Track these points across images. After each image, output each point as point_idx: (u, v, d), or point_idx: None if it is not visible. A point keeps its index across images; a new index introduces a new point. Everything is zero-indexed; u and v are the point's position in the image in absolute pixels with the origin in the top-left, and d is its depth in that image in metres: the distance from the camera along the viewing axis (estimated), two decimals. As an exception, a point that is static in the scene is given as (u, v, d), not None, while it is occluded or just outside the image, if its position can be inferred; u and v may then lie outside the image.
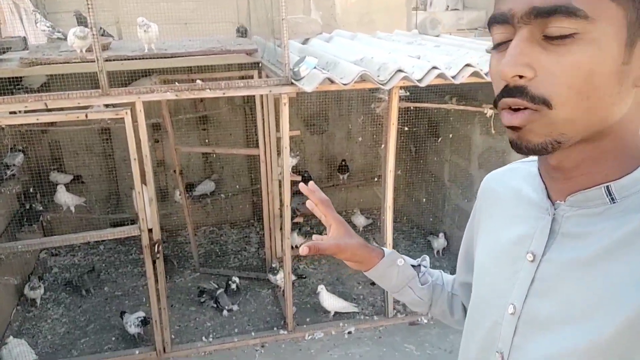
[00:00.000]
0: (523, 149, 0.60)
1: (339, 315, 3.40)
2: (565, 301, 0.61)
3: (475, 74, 2.59)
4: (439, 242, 4.09)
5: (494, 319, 0.71)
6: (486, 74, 2.61)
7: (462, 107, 3.27)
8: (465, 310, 0.94)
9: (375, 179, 4.79)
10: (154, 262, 2.82)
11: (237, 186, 4.80)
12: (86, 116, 2.43)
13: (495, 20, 0.60)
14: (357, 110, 4.85)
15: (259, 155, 3.62)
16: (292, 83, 2.61)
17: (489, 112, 3.14)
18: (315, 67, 2.63)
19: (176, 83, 2.53)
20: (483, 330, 0.74)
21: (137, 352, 3.07)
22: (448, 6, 6.51)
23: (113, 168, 4.53)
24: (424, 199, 4.43)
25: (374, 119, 4.69)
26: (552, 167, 0.64)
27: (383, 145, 2.93)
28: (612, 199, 0.60)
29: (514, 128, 0.59)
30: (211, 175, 4.68)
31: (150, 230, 2.76)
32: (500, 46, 0.60)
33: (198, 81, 2.54)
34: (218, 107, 4.46)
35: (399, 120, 2.94)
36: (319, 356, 3.08)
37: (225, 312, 3.50)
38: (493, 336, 0.71)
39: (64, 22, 4.24)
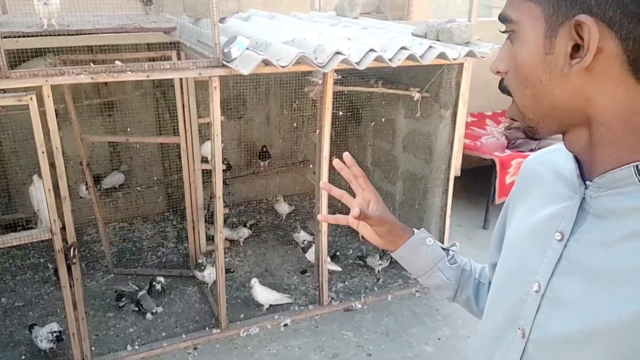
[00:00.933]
0: (527, 134, 0.71)
1: (272, 308, 3.29)
2: (590, 281, 0.63)
3: (411, 57, 2.57)
4: (364, 226, 4.12)
5: (518, 295, 0.72)
6: (420, 57, 2.61)
7: (392, 91, 3.27)
8: None
9: (299, 164, 4.71)
10: (69, 268, 2.50)
11: (151, 178, 4.45)
12: (-20, 103, 2.05)
13: (501, 20, 0.68)
14: (275, 94, 4.71)
15: (178, 144, 3.35)
16: (223, 65, 2.41)
17: (417, 95, 3.17)
18: (247, 48, 2.45)
19: (91, 64, 2.21)
20: (506, 306, 0.75)
21: None
22: None
23: (0, 162, 3.97)
24: (347, 185, 4.42)
25: (295, 104, 4.58)
26: (571, 149, 0.69)
27: (318, 131, 2.83)
28: None
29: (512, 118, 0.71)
30: (119, 167, 4.29)
31: (63, 231, 2.43)
32: None
33: (117, 62, 2.25)
34: (124, 92, 4.07)
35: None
36: (257, 353, 2.96)
37: (149, 316, 3.23)
38: (516, 312, 0.72)
39: None
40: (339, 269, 3.61)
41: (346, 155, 0.95)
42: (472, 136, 4.72)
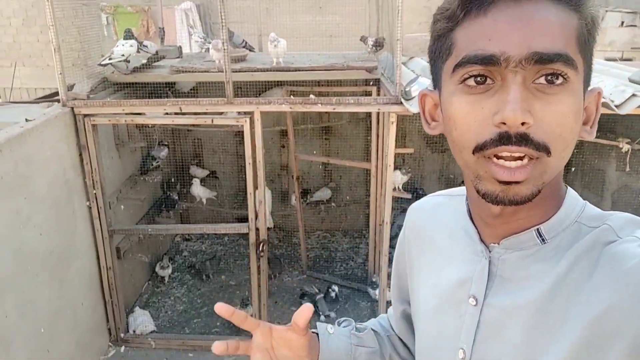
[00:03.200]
0: (505, 202, 0.58)
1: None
2: (512, 345, 0.63)
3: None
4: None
5: None
6: (616, 107, 2.36)
7: (600, 141, 2.99)
8: (405, 345, 0.93)
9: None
10: (258, 260, 3.04)
11: (354, 196, 4.91)
12: (212, 121, 2.72)
13: (477, 61, 0.56)
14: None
15: (369, 169, 3.68)
16: (400, 103, 2.63)
17: (626, 146, 2.83)
18: (427, 88, 2.61)
19: (291, 96, 2.70)
20: None
21: (237, 338, 3.32)
22: (623, 22, 5.98)
23: (242, 167, 4.93)
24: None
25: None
26: (494, 215, 0.64)
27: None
28: (543, 240, 0.63)
29: (507, 182, 0.57)
30: (329, 183, 4.86)
31: (257, 230, 2.98)
32: (471, 87, 0.58)
33: (311, 95, 2.69)
34: (341, 119, 4.62)
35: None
36: None
37: (322, 318, 3.62)
38: None
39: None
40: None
41: (218, 306, 0.75)
42: None
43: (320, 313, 3.62)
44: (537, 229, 0.63)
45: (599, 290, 0.57)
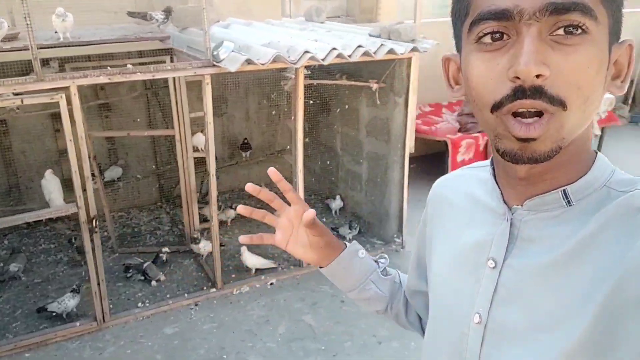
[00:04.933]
0: (524, 160, 0.58)
1: (259, 271, 3.86)
2: (531, 308, 0.62)
3: (366, 53, 3.19)
4: (336, 203, 4.71)
5: (460, 329, 0.70)
6: (374, 53, 3.22)
7: (352, 83, 3.88)
8: (417, 314, 0.97)
9: (277, 154, 5.29)
10: (91, 236, 3.03)
11: (145, 170, 4.97)
12: (22, 102, 2.58)
13: (491, 17, 0.56)
14: (253, 93, 5.27)
15: (172, 136, 3.90)
16: (214, 65, 2.98)
17: (375, 86, 3.79)
18: (233, 51, 3.02)
19: (108, 67, 2.76)
20: (449, 342, 0.72)
21: (77, 324, 3.24)
22: None
23: (11, 161, 4.44)
24: (320, 168, 5.03)
25: (271, 99, 5.16)
26: (520, 177, 0.64)
27: (293, 117, 3.43)
28: (569, 202, 0.62)
29: (524, 140, 0.57)
30: (117, 161, 4.80)
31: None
32: (487, 45, 0.58)
33: (129, 65, 2.80)
34: (119, 94, 4.59)
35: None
36: (249, 305, 3.53)
37: (154, 283, 3.76)
38: (460, 347, 0.70)
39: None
40: (315, 236, 4.20)
41: (271, 170, 0.91)
42: (429, 123, 5.37)
43: (152, 278, 3.75)
44: (564, 190, 0.62)
45: (635, 256, 0.55)
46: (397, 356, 3.02)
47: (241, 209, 0.92)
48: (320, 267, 0.94)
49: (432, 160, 5.45)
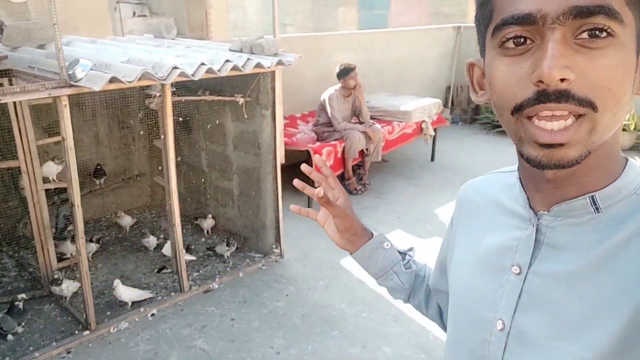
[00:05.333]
0: (550, 166, 0.58)
1: (137, 304, 3.59)
2: (556, 315, 0.61)
3: (235, 67, 3.19)
4: (208, 223, 4.59)
5: (482, 335, 0.69)
6: (242, 67, 3.24)
7: (219, 98, 3.84)
8: (439, 308, 0.99)
9: (135, 178, 4.98)
10: None
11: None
12: None
13: (514, 21, 0.56)
14: (102, 115, 4.89)
15: (19, 167, 3.44)
16: (71, 85, 2.72)
17: (241, 100, 3.81)
18: (91, 69, 2.79)
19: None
20: (470, 348, 0.72)
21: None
22: (135, 13, 6.94)
23: None
24: (185, 189, 4.85)
25: (123, 121, 4.84)
26: (547, 180, 0.63)
27: (163, 136, 3.27)
28: (597, 208, 0.61)
29: (551, 146, 0.56)
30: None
31: None
32: (510, 49, 0.58)
33: (-33, 87, 2.41)
34: None
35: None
36: (131, 342, 3.25)
37: (10, 337, 3.26)
38: (481, 353, 0.69)
39: None
40: (193, 258, 4.05)
41: (317, 157, 1.03)
42: (288, 135, 5.53)
43: (7, 331, 3.25)
44: (592, 197, 0.61)
45: None
46: (297, 363, 3.06)
47: (304, 167, 1.01)
48: (350, 253, 1.00)
49: (296, 171, 5.62)
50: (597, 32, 0.54)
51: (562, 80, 0.54)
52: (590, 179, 0.61)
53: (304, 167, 0.99)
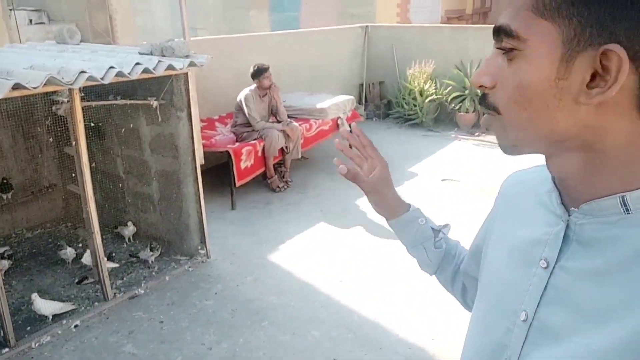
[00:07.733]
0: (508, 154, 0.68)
1: (58, 317, 3.48)
2: (577, 311, 0.62)
3: (146, 70, 3.19)
4: (129, 230, 4.51)
5: (506, 325, 0.71)
6: (154, 69, 3.25)
7: (132, 102, 3.80)
8: (464, 287, 1.03)
9: (45, 189, 4.77)
10: None
11: None
12: None
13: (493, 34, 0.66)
14: (5, 127, 4.65)
15: None
16: (-30, 93, 2.60)
17: (155, 103, 3.79)
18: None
19: None
20: (494, 336, 0.74)
21: None
22: (31, 20, 6.69)
23: None
24: (102, 197, 4.73)
25: (29, 131, 4.63)
26: (554, 176, 0.68)
27: (74, 143, 3.20)
28: (627, 209, 0.60)
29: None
30: None
31: None
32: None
33: None
34: None
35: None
36: (55, 355, 3.16)
37: None
38: (503, 342, 0.71)
39: None
40: (116, 265, 3.97)
41: (354, 125, 1.07)
42: (207, 137, 5.54)
43: None
44: (622, 197, 0.61)
45: None
46: (229, 357, 3.12)
47: (339, 145, 1.04)
48: (387, 220, 1.05)
49: (216, 173, 5.66)
50: (506, 49, 0.62)
51: (480, 87, 0.65)
52: (616, 179, 0.61)
53: (342, 131, 1.06)
